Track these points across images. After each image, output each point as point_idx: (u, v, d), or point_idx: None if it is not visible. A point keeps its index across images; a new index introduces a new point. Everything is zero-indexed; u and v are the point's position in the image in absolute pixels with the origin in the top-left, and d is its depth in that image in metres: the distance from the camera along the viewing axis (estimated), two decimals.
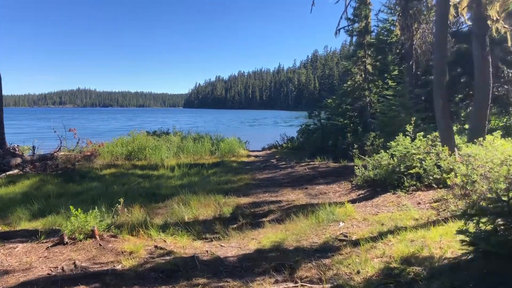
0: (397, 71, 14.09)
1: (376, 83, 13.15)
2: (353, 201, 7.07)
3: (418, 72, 14.08)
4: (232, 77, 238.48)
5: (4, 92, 12.44)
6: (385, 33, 17.08)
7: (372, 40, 13.85)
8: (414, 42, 13.69)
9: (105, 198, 7.32)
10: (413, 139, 8.05)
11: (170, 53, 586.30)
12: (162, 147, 12.86)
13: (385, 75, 14.03)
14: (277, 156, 13.97)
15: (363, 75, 13.31)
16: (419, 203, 6.54)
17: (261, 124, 59.59)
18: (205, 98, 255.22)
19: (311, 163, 11.67)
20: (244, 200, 7.50)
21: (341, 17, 15.36)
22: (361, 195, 7.62)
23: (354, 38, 15.16)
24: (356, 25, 13.35)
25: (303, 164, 11.58)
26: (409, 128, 8.50)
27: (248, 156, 14.17)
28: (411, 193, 7.04)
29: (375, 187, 7.77)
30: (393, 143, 8.29)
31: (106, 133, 32.92)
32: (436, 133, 8.66)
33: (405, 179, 7.23)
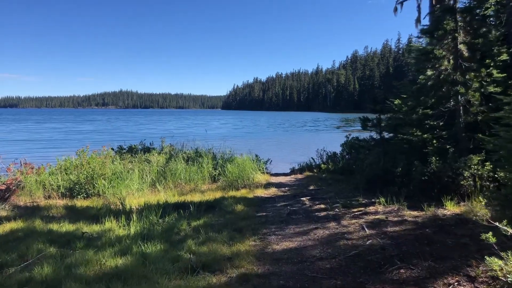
0: (505, 55, 8.84)
1: (477, 73, 7.99)
2: None
3: None
4: (270, 78, 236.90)
5: (50, 94, 8.60)
6: (474, 2, 11.78)
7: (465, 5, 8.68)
8: None
9: None
10: None
11: (210, 56, 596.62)
12: (133, 174, 8.38)
13: (487, 61, 8.81)
14: (311, 187, 9.12)
15: (452, 61, 8.28)
16: None
17: (315, 130, 53.35)
18: (242, 100, 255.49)
19: (370, 208, 6.77)
20: None
21: None
22: None
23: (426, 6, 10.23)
24: None
25: (355, 210, 6.72)
26: None
27: (267, 185, 9.38)
28: None
29: None
30: None
31: (133, 141, 28.24)
32: None
33: None
